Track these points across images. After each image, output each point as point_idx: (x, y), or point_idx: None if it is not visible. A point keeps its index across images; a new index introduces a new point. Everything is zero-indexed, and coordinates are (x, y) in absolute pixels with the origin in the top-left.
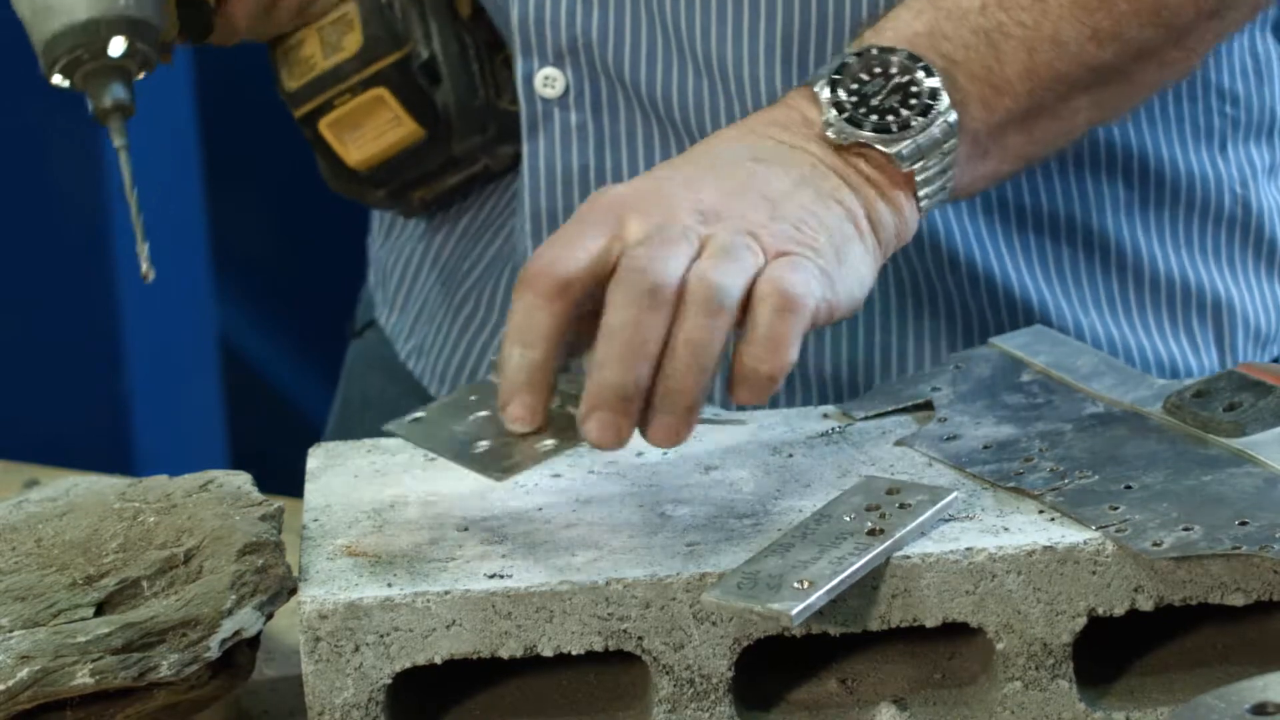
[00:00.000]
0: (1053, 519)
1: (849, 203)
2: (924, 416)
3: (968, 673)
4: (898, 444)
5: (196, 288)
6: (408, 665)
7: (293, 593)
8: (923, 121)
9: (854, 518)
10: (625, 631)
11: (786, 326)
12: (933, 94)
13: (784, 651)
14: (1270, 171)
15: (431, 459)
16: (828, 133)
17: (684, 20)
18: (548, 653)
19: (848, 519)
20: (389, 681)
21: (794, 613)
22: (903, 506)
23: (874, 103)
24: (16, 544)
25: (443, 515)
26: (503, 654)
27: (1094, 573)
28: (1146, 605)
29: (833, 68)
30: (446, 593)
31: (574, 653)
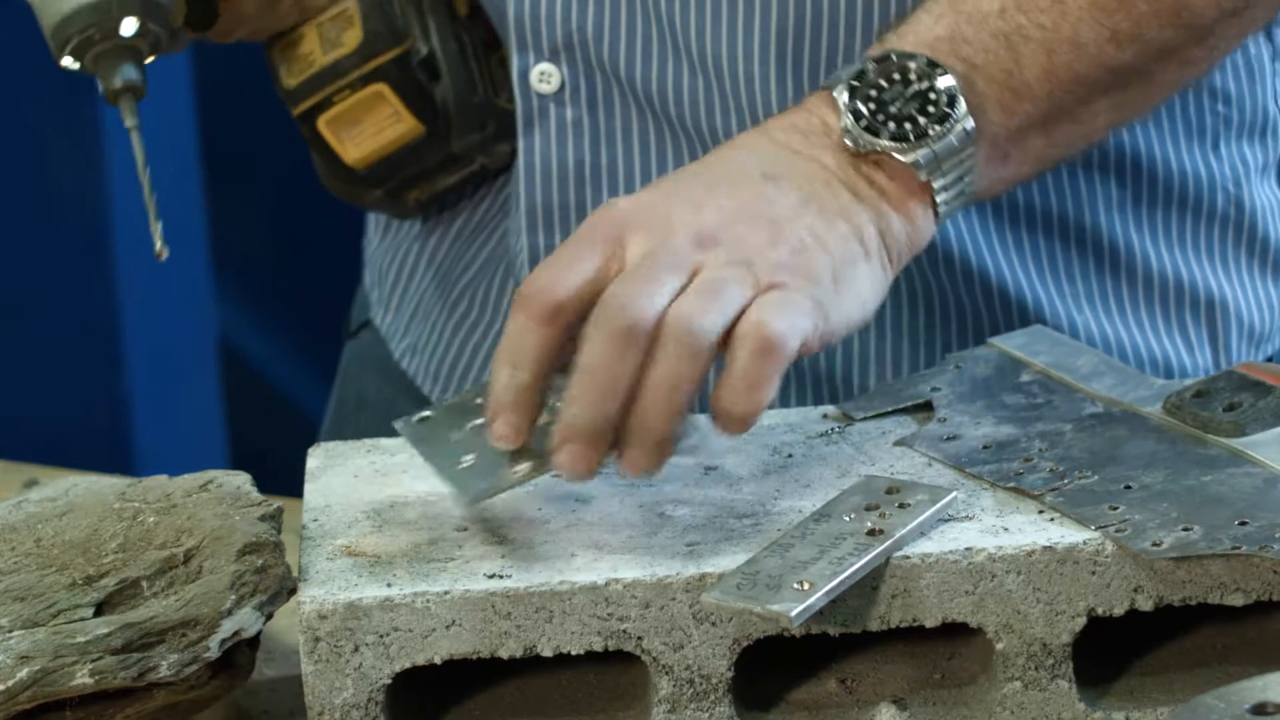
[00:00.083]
0: (1052, 519)
1: (857, 220)
2: (923, 416)
3: (967, 673)
4: (897, 444)
5: (196, 288)
6: (407, 665)
7: (292, 593)
8: (940, 130)
9: (853, 518)
10: (625, 631)
11: (763, 369)
12: (950, 101)
13: (784, 651)
14: (1263, 170)
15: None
16: (845, 140)
17: (679, 16)
18: (547, 653)
19: (847, 519)
20: (388, 681)
21: (794, 614)
22: (902, 506)
23: (892, 110)
24: (16, 544)
25: (443, 515)
26: (502, 654)
27: (1094, 573)
28: (1146, 605)
29: (852, 72)
30: (446, 593)
31: (574, 653)
